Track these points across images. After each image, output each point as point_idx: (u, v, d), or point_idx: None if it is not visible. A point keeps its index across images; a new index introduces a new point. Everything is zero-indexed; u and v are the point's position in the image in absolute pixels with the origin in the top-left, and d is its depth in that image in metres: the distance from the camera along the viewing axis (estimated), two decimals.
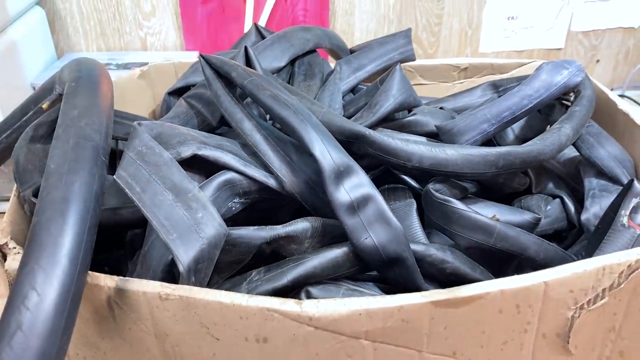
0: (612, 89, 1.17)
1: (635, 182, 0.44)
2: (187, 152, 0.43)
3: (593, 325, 0.39)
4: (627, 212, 0.42)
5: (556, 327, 0.38)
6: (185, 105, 0.55)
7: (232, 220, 0.48)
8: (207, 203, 0.40)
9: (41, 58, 0.96)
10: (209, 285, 0.43)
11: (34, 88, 0.89)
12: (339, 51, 0.70)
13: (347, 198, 0.41)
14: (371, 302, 0.35)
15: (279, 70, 0.60)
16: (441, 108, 0.65)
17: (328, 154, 0.42)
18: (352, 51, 0.74)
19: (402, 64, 0.71)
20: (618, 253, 0.37)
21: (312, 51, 0.65)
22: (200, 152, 0.43)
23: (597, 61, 1.15)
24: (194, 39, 1.03)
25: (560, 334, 0.38)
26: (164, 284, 0.38)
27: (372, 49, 0.68)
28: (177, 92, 0.68)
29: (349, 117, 0.58)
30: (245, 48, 0.55)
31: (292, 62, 0.63)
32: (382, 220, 0.42)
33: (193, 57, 1.02)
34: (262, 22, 1.00)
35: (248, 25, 1.00)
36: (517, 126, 0.63)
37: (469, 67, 0.71)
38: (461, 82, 0.72)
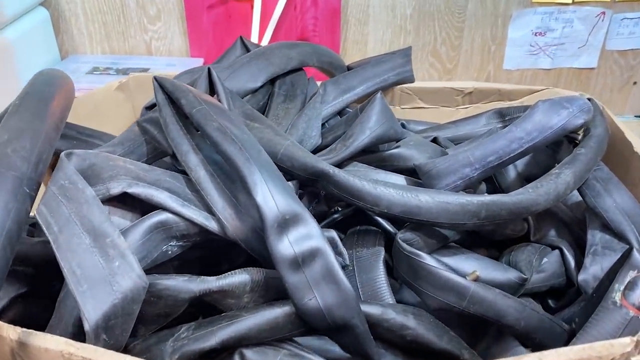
0: None
1: (635, 251, 0.37)
2: (116, 188, 0.39)
3: None
4: (621, 288, 0.35)
5: None
6: (137, 130, 0.51)
7: (175, 262, 0.43)
8: (126, 251, 0.35)
9: (43, 59, 0.94)
10: (133, 336, 0.38)
11: None
12: (332, 69, 0.65)
13: (290, 251, 0.36)
14: None
15: (254, 91, 0.55)
16: (435, 138, 0.59)
17: (271, 199, 0.37)
18: (349, 69, 0.68)
19: (400, 86, 0.65)
20: (599, 344, 0.31)
21: (297, 69, 0.60)
22: (130, 190, 0.38)
23: (634, 83, 1.05)
24: (200, 45, 0.99)
25: None
26: (69, 341, 0.33)
27: (365, 68, 0.62)
28: (155, 107, 0.64)
29: (326, 147, 0.52)
30: (208, 69, 0.50)
31: (272, 82, 0.58)
32: (330, 280, 0.36)
33: (198, 63, 0.98)
34: (269, 30, 0.96)
35: (255, 32, 0.96)
36: (521, 161, 0.56)
37: (474, 92, 0.64)
38: (466, 107, 0.66)
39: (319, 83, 0.61)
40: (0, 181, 0.37)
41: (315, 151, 0.52)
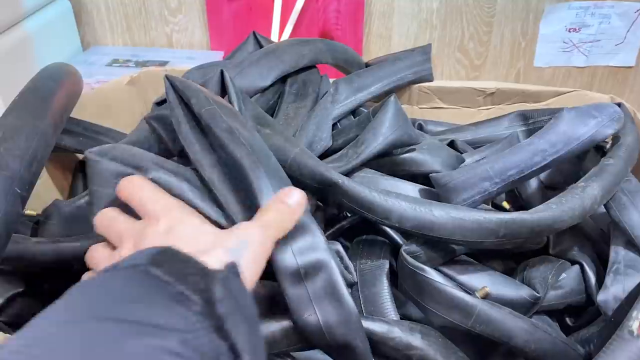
0: None
1: None
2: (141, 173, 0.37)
3: None
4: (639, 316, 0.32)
5: None
6: (147, 128, 0.49)
7: None
8: None
9: (64, 50, 0.94)
10: None
11: None
12: (348, 66, 0.62)
13: (293, 262, 0.34)
14: None
15: (264, 90, 0.53)
16: (452, 141, 0.56)
17: None
18: (367, 66, 0.65)
19: (419, 85, 0.62)
20: None
21: (310, 67, 0.57)
22: (151, 175, 0.36)
23: None
24: (220, 38, 0.97)
25: None
26: None
27: (381, 66, 0.60)
28: (165, 102, 0.62)
29: (337, 150, 0.50)
30: (221, 72, 0.48)
31: (284, 80, 0.55)
32: (332, 296, 0.34)
33: (218, 56, 0.96)
34: (290, 23, 0.93)
35: (276, 25, 0.94)
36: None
37: (496, 92, 0.61)
38: (487, 109, 0.62)
39: (332, 81, 0.58)
40: None
41: (325, 154, 0.50)
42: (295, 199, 0.33)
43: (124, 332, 0.20)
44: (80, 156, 0.59)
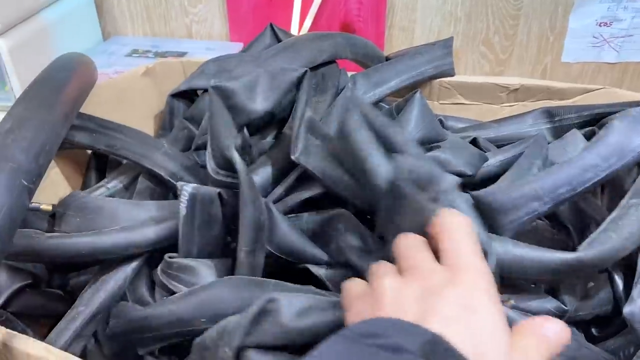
0: None
1: None
2: None
3: None
4: None
5: None
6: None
7: None
8: None
9: (84, 40, 0.94)
10: None
11: None
12: (368, 61, 0.60)
13: None
14: None
15: None
16: (474, 139, 0.54)
17: None
18: (388, 60, 0.64)
19: (439, 79, 0.60)
20: None
21: (330, 62, 0.56)
22: None
23: None
24: (240, 29, 0.96)
25: None
26: (48, 347, 0.32)
27: (400, 60, 0.58)
28: (181, 95, 0.62)
29: None
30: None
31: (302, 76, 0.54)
32: None
33: (237, 48, 0.95)
34: (310, 14, 0.92)
35: (296, 16, 0.92)
36: None
37: (520, 89, 0.59)
38: (511, 105, 0.60)
39: (349, 75, 0.57)
40: None
41: None
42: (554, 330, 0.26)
43: None
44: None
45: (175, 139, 0.59)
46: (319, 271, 0.38)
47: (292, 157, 0.39)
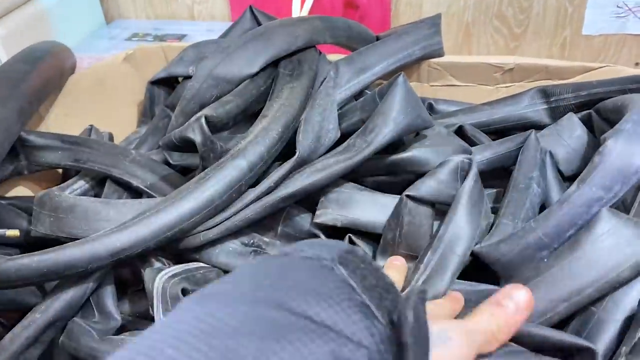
0: None
1: None
2: None
3: None
4: (628, 350, 0.27)
5: None
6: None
7: None
8: None
9: (86, 24, 0.93)
10: None
11: None
12: (353, 44, 0.57)
13: None
14: None
15: (252, 77, 0.49)
16: (460, 127, 0.51)
17: None
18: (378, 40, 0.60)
19: (429, 60, 0.56)
20: None
21: (306, 47, 0.53)
22: None
23: None
24: (241, 9, 0.93)
25: None
26: None
27: (385, 42, 0.54)
28: (161, 82, 0.60)
29: (344, 137, 0.45)
30: None
31: (276, 64, 0.51)
32: None
33: None
34: None
35: None
36: (563, 158, 0.47)
37: (515, 69, 0.54)
38: (507, 86, 0.56)
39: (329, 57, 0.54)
40: None
41: (333, 146, 0.46)
42: (517, 299, 0.26)
43: (307, 330, 0.18)
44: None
45: (156, 128, 0.57)
46: None
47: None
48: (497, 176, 0.49)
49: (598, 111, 0.46)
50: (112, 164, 0.49)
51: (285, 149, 0.45)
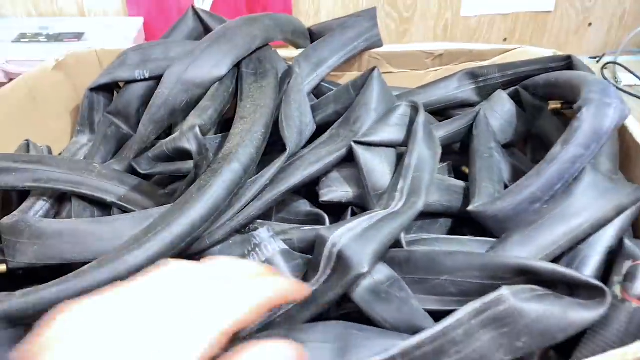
0: (604, 54, 1.08)
1: (626, 240, 0.36)
2: None
3: None
4: (621, 279, 0.34)
5: None
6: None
7: None
8: None
9: None
10: None
11: None
12: (296, 39, 0.59)
13: None
14: None
15: (221, 79, 0.50)
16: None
17: None
18: (311, 34, 0.63)
19: (369, 51, 0.61)
20: (611, 353, 0.30)
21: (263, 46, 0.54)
22: None
23: (590, 25, 1.04)
24: (138, 2, 0.90)
25: None
26: None
27: (333, 36, 0.58)
28: (101, 89, 0.57)
29: (322, 127, 0.48)
30: None
31: (237, 64, 0.52)
32: None
33: (137, 23, 0.89)
34: None
35: None
36: (497, 129, 0.54)
37: (444, 54, 0.61)
38: (436, 70, 0.63)
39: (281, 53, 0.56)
40: None
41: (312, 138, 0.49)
42: None
43: None
44: None
45: (105, 136, 0.55)
46: None
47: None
48: (447, 152, 0.55)
49: (527, 87, 0.54)
50: (78, 182, 0.47)
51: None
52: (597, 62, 1.08)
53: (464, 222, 0.46)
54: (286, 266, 0.39)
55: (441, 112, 0.60)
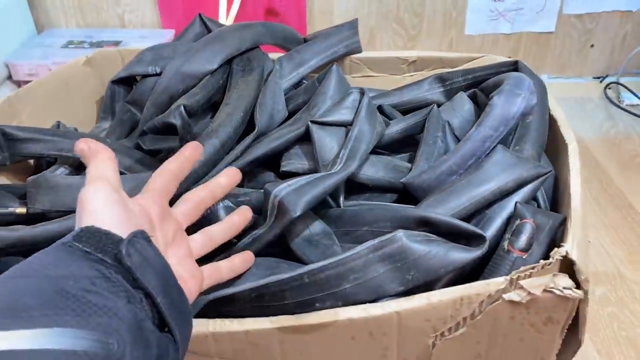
0: (607, 75, 1.12)
1: (518, 204, 0.43)
2: None
3: (457, 351, 0.39)
4: (509, 234, 0.41)
5: (417, 352, 0.38)
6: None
7: None
8: None
9: (19, 34, 0.97)
10: None
11: (7, 66, 0.91)
12: (287, 44, 0.69)
13: None
14: (218, 325, 0.36)
15: (212, 72, 0.59)
16: (379, 106, 0.64)
17: None
18: (305, 42, 0.72)
19: (350, 56, 0.69)
20: (477, 283, 0.37)
21: (253, 47, 0.64)
22: None
23: (592, 46, 1.09)
24: (170, 16, 1.02)
25: (422, 359, 0.38)
26: None
27: (316, 41, 0.67)
28: (120, 81, 0.68)
29: (291, 115, 0.58)
30: None
31: (230, 61, 0.62)
32: None
33: (170, 34, 1.01)
34: (236, 1, 0.99)
35: (223, 3, 0.99)
36: (457, 126, 0.61)
37: (417, 60, 0.69)
38: (411, 75, 0.70)
39: (270, 55, 0.65)
40: None
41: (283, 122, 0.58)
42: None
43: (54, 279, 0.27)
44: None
45: (120, 121, 0.65)
46: None
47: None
48: (409, 144, 0.62)
49: (482, 89, 0.61)
50: None
51: (245, 128, 0.56)
52: (601, 82, 1.12)
53: (406, 197, 0.53)
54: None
55: (413, 112, 0.67)
